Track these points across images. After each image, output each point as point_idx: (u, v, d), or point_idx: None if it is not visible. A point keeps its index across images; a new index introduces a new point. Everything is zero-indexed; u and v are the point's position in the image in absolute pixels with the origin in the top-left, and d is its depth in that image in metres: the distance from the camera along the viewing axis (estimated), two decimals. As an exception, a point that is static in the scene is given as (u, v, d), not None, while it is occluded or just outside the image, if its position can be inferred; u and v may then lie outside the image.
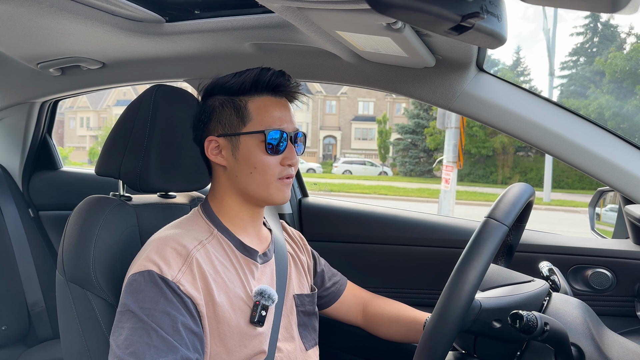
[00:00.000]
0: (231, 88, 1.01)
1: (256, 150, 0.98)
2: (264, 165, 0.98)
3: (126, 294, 0.89)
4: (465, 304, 0.82)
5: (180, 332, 0.86)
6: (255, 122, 0.99)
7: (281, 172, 1.00)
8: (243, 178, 1.00)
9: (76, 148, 32.16)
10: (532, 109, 1.27)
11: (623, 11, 0.54)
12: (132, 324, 0.85)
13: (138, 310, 0.86)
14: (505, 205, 0.89)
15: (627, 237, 1.43)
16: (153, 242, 0.96)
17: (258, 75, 1.00)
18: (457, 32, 0.66)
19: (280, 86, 1.01)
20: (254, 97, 1.00)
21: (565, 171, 20.86)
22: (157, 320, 0.85)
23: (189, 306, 0.89)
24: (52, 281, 1.13)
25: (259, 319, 0.96)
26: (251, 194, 1.01)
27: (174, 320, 0.86)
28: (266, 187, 1.00)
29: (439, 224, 1.58)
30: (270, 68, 1.02)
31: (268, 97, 1.01)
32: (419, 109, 25.89)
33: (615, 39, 27.05)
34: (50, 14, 1.21)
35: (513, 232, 1.18)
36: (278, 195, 1.01)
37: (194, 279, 0.91)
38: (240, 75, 1.01)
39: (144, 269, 0.89)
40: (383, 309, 1.28)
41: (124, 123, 1.14)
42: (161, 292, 0.87)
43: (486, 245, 0.83)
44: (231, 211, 1.03)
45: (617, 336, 0.96)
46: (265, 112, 0.99)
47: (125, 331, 0.85)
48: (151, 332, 0.84)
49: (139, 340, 0.83)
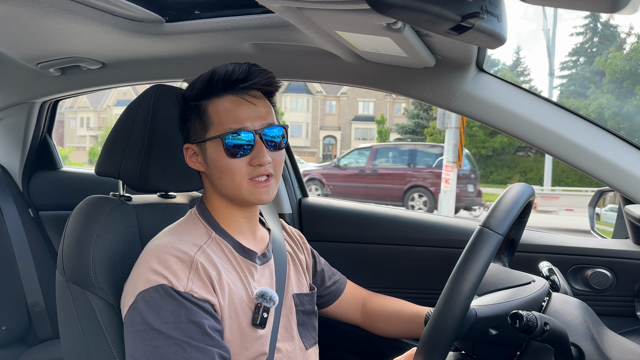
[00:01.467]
0: (192, 94, 0.99)
1: (220, 154, 0.96)
2: (229, 169, 0.96)
3: (145, 313, 0.86)
4: (460, 315, 0.82)
5: (210, 335, 0.87)
6: (216, 126, 0.96)
7: (251, 173, 0.96)
8: (217, 182, 0.99)
9: (76, 148, 32.15)
10: (532, 109, 1.27)
11: (623, 11, 0.54)
12: (162, 342, 0.84)
13: (163, 327, 0.85)
14: (500, 213, 0.87)
15: (627, 237, 1.43)
16: (152, 250, 0.94)
17: (210, 75, 0.97)
18: (457, 32, 0.66)
19: (238, 82, 0.96)
20: (213, 99, 0.97)
21: (565, 171, 20.84)
22: (185, 331, 0.85)
23: (207, 309, 0.89)
24: (52, 281, 1.12)
25: (260, 321, 0.96)
26: (228, 196, 1.00)
27: (201, 326, 0.86)
28: (238, 190, 0.97)
29: (439, 224, 1.58)
30: (230, 64, 0.96)
31: (228, 97, 0.96)
32: (419, 109, 25.87)
33: (615, 39, 27.05)
34: (50, 14, 1.21)
35: (515, 228, 1.17)
36: (252, 197, 0.97)
37: (204, 283, 0.91)
38: (198, 80, 0.99)
39: (155, 284, 0.88)
40: (383, 305, 1.28)
41: (124, 123, 1.14)
42: (179, 304, 0.87)
43: (480, 255, 0.83)
44: (223, 213, 1.03)
45: (617, 336, 0.96)
46: (224, 114, 0.96)
47: (160, 350, 0.84)
48: (184, 345, 0.84)
49: (174, 357, 0.83)
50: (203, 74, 0.98)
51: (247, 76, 0.96)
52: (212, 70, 0.97)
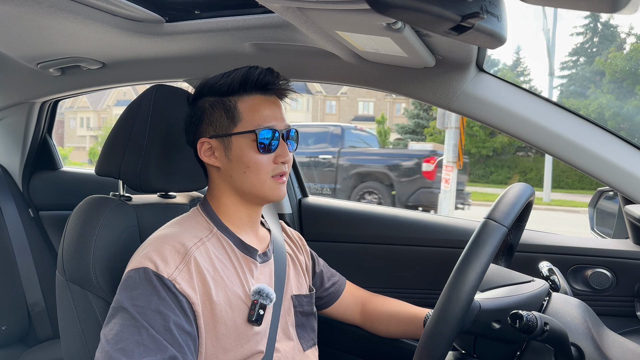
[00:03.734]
0: (220, 89, 1.01)
1: (248, 149, 0.99)
2: (256, 165, 0.99)
3: (120, 290, 0.89)
4: (465, 305, 0.82)
5: (171, 331, 0.86)
6: (246, 121, 0.99)
7: (274, 170, 1.01)
8: (237, 178, 1.00)
9: (76, 148, 32.15)
10: (532, 109, 1.27)
11: (623, 11, 0.54)
12: (124, 320, 0.85)
13: (131, 307, 0.86)
14: (504, 206, 0.88)
15: (627, 237, 1.43)
16: (152, 239, 0.96)
17: (246, 74, 1.00)
18: (457, 32, 0.66)
19: (269, 84, 1.01)
20: (243, 96, 1.00)
21: (565, 171, 20.85)
22: (149, 318, 0.85)
23: (183, 305, 0.88)
24: (52, 281, 1.13)
25: (256, 317, 0.96)
26: (246, 192, 1.01)
27: (166, 320, 0.86)
28: (261, 186, 1.00)
29: (439, 224, 1.58)
30: (259, 67, 1.01)
31: (257, 96, 1.01)
32: (419, 109, 25.87)
33: (615, 39, 27.05)
34: (50, 14, 1.21)
35: (513, 232, 1.18)
36: (273, 194, 1.01)
37: (191, 278, 0.91)
38: (229, 75, 1.01)
39: (140, 266, 0.90)
40: (382, 306, 1.28)
41: (124, 123, 1.14)
42: (155, 290, 0.87)
43: (485, 246, 0.83)
44: (229, 210, 1.04)
45: (617, 336, 0.96)
46: (255, 111, 1.00)
47: (116, 327, 0.85)
48: (142, 330, 0.84)
49: (129, 337, 0.83)
50: (237, 70, 1.01)
51: (275, 80, 1.02)
52: (248, 67, 1.01)
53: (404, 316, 1.24)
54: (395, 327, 1.25)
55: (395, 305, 1.28)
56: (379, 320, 1.27)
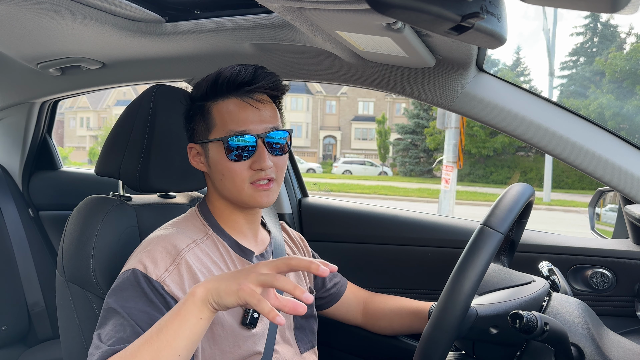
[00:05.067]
0: (197, 94, 0.99)
1: (221, 157, 0.96)
2: (230, 172, 0.96)
3: (110, 292, 0.90)
4: (461, 314, 0.82)
5: None
6: (218, 128, 0.96)
7: (252, 177, 0.96)
8: (217, 184, 0.99)
9: (76, 148, 32.16)
10: (532, 109, 1.27)
11: (623, 11, 0.54)
12: (114, 320, 0.86)
13: (119, 308, 0.86)
14: (501, 212, 0.88)
15: (627, 237, 1.43)
16: (147, 241, 0.96)
17: (215, 78, 0.96)
18: (457, 32, 0.66)
19: (243, 85, 0.95)
20: (218, 101, 0.97)
21: (565, 171, 20.85)
22: (136, 318, 0.86)
23: (171, 306, 0.88)
24: (52, 281, 1.13)
25: (250, 320, 0.95)
26: (229, 198, 1.00)
27: (152, 319, 0.86)
28: (238, 193, 0.97)
29: (439, 224, 1.58)
30: (237, 66, 0.96)
31: (232, 100, 0.96)
32: (419, 109, 25.89)
33: (615, 39, 27.06)
34: (50, 14, 1.21)
35: (514, 228, 1.17)
36: (252, 201, 0.97)
37: (181, 280, 0.91)
38: (204, 80, 0.98)
39: (130, 268, 0.90)
40: (384, 304, 1.28)
41: (124, 123, 1.14)
42: (142, 292, 0.88)
43: (481, 254, 0.83)
44: (224, 213, 1.03)
45: (617, 336, 0.96)
46: (227, 116, 0.95)
47: (108, 327, 0.86)
48: (127, 327, 0.85)
49: (115, 335, 0.84)
50: (209, 75, 0.98)
51: (252, 79, 0.95)
52: (218, 71, 0.97)
53: (407, 311, 1.23)
54: (400, 323, 1.25)
55: (398, 301, 1.27)
56: (382, 318, 1.27)
